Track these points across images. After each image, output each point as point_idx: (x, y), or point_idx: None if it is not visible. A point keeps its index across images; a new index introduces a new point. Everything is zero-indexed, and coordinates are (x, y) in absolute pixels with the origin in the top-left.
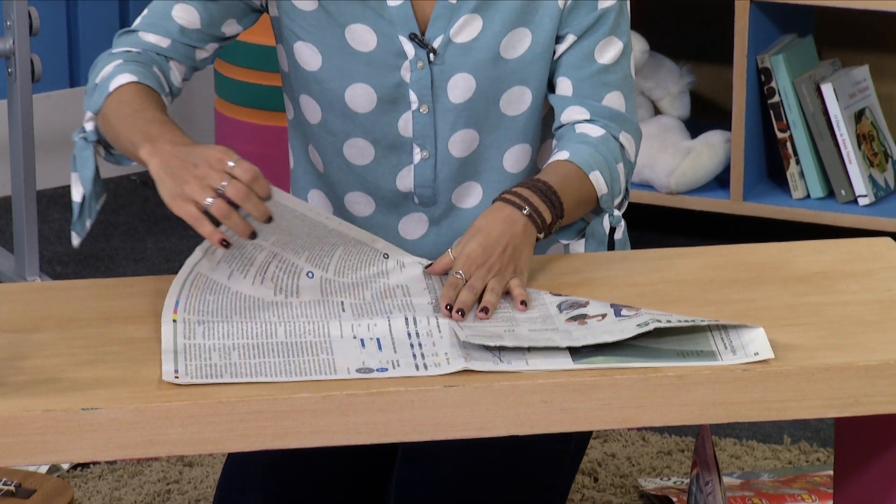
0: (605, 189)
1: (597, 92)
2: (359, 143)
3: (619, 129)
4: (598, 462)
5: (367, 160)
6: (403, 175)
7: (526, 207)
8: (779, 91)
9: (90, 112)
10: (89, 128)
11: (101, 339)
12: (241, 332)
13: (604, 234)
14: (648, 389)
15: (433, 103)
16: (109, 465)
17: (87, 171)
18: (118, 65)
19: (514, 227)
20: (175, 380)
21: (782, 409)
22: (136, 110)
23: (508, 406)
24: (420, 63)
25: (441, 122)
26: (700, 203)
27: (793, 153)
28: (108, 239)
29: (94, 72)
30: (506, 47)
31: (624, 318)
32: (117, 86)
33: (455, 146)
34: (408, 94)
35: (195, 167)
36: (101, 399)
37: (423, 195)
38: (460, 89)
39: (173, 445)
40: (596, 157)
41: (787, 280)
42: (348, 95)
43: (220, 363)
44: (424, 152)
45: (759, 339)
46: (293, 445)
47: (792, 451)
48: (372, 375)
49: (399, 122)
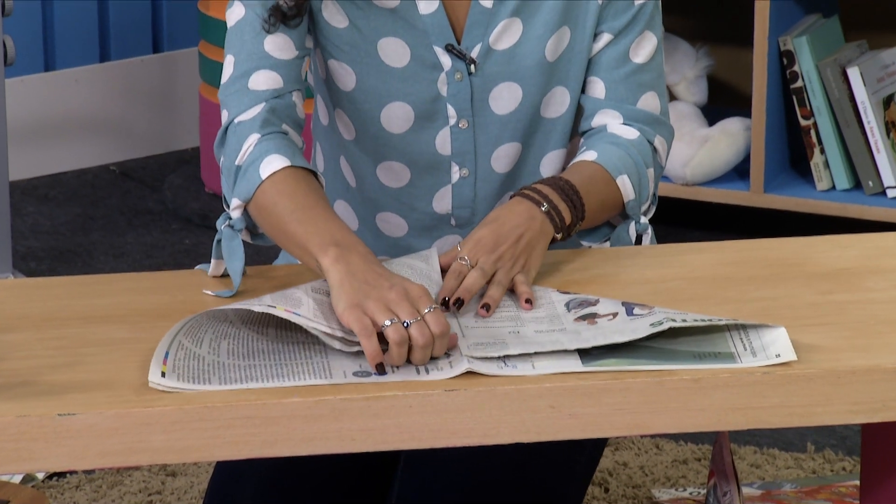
0: (632, 195)
1: (631, 94)
2: (393, 165)
3: (654, 132)
4: (609, 471)
5: (402, 183)
6: (441, 196)
7: (545, 204)
8: (802, 75)
9: (238, 200)
10: (237, 216)
11: (79, 340)
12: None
13: (629, 241)
14: (663, 394)
15: (473, 117)
16: (87, 475)
17: (237, 264)
18: (259, 141)
19: (531, 222)
20: (161, 379)
21: (805, 415)
22: (302, 206)
23: (513, 411)
24: (458, 74)
25: (482, 137)
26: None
27: (817, 142)
28: (86, 233)
29: (227, 149)
30: (551, 50)
31: (636, 318)
32: (270, 172)
33: (498, 162)
34: (445, 108)
35: (388, 290)
36: (79, 404)
37: (462, 216)
38: (505, 100)
39: (156, 453)
40: (625, 160)
41: (811, 277)
42: (384, 116)
43: (210, 358)
44: (464, 170)
45: (781, 340)
46: (284, 453)
47: (816, 460)
48: (369, 379)
49: (436, 139)
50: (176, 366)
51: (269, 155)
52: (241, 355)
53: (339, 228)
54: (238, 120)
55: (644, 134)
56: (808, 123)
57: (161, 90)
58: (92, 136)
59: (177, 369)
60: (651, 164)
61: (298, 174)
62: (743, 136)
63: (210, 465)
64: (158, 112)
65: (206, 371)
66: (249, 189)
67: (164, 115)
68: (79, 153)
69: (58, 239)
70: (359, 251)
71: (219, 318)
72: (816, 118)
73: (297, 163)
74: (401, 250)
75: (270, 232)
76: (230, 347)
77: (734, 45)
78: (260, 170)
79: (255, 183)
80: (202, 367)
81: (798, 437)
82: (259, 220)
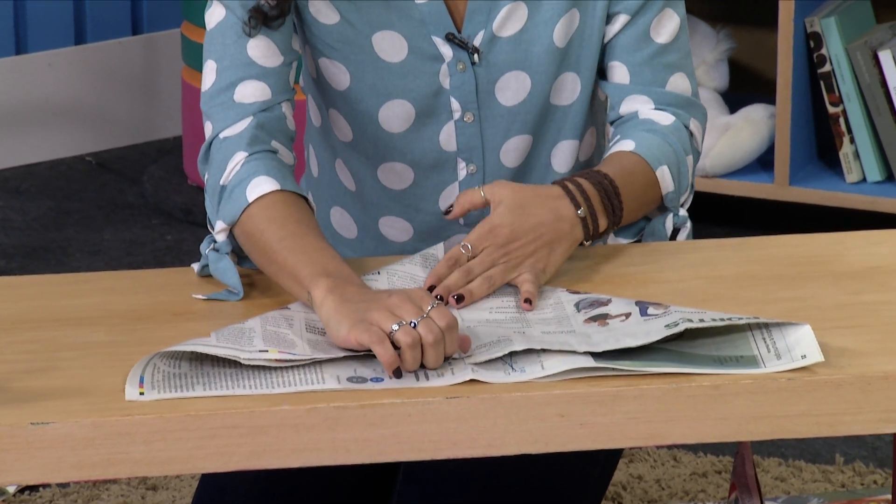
0: (671, 186)
1: (659, 76)
2: (395, 167)
3: (689, 115)
4: (623, 485)
5: (406, 184)
6: (447, 195)
7: (583, 207)
8: (830, 59)
9: (223, 223)
10: (222, 238)
11: (53, 344)
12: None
13: (665, 235)
14: (680, 401)
15: (479, 110)
16: (62, 489)
17: (233, 280)
18: (246, 161)
19: (560, 222)
20: (139, 397)
21: (834, 424)
22: (292, 234)
23: (520, 420)
24: (461, 65)
25: (490, 131)
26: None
27: (846, 130)
28: (60, 228)
29: (212, 166)
30: (560, 35)
31: (651, 318)
32: (257, 196)
33: (508, 156)
34: (448, 102)
35: (388, 298)
36: (53, 412)
37: (471, 215)
38: (512, 90)
39: (135, 465)
40: (664, 149)
41: (839, 276)
42: (382, 115)
43: (191, 372)
44: (471, 167)
45: (807, 340)
46: (273, 465)
47: (845, 473)
48: (365, 386)
49: (440, 135)
50: (154, 384)
51: (258, 176)
52: (227, 363)
53: (332, 258)
54: (223, 135)
55: (679, 118)
56: (837, 111)
57: (141, 75)
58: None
59: (156, 386)
60: (689, 151)
61: (288, 199)
62: (766, 125)
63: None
64: (138, 98)
65: (189, 381)
66: (235, 212)
67: (144, 101)
68: (52, 143)
69: (30, 235)
70: (353, 282)
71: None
72: (846, 105)
73: (286, 187)
74: (406, 254)
75: (257, 259)
76: (214, 360)
77: (757, 27)
78: (247, 192)
79: (240, 206)
80: (184, 381)
81: (826, 448)
82: (245, 245)
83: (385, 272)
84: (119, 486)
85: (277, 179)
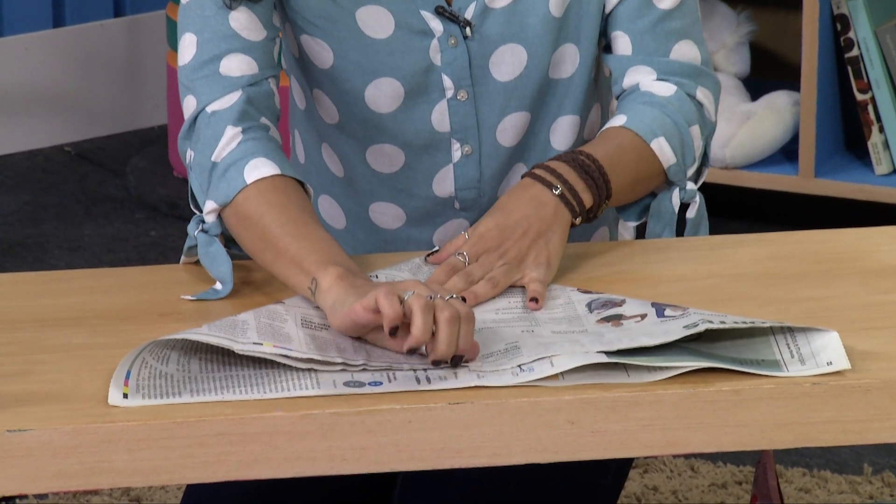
0: (672, 159)
1: (662, 45)
2: (385, 148)
3: (695, 84)
4: (638, 497)
5: (396, 167)
6: (441, 178)
7: (558, 186)
8: (858, 43)
9: (215, 203)
10: (212, 220)
11: (31, 346)
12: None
13: (672, 211)
14: (698, 407)
15: (473, 87)
16: (40, 500)
17: (224, 267)
18: (241, 139)
19: (542, 209)
20: (123, 401)
21: (861, 432)
22: (295, 221)
23: (527, 427)
24: (452, 39)
25: (486, 109)
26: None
27: (875, 119)
28: (37, 223)
29: (198, 141)
30: (557, 4)
31: (668, 319)
32: (256, 178)
33: (505, 134)
34: (440, 80)
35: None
36: (32, 418)
37: (467, 198)
38: (508, 64)
39: (119, 475)
40: (661, 120)
41: (867, 274)
42: (369, 95)
43: (179, 374)
44: (466, 147)
45: (833, 346)
46: (264, 475)
47: (874, 483)
48: (363, 390)
49: (432, 115)
50: (140, 385)
51: (256, 157)
52: (215, 368)
53: (339, 250)
54: (211, 109)
55: (682, 88)
56: (865, 98)
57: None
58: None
59: (141, 389)
60: (695, 121)
61: (288, 185)
62: (790, 113)
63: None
64: (120, 85)
65: (176, 386)
66: (229, 193)
67: (127, 88)
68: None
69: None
70: (361, 276)
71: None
72: (875, 92)
73: (286, 172)
74: (399, 243)
75: (252, 244)
76: (202, 364)
77: (780, 8)
78: (245, 173)
79: (236, 187)
80: (170, 384)
81: (853, 458)
82: (236, 229)
83: (384, 276)
84: (101, 497)
85: (277, 163)
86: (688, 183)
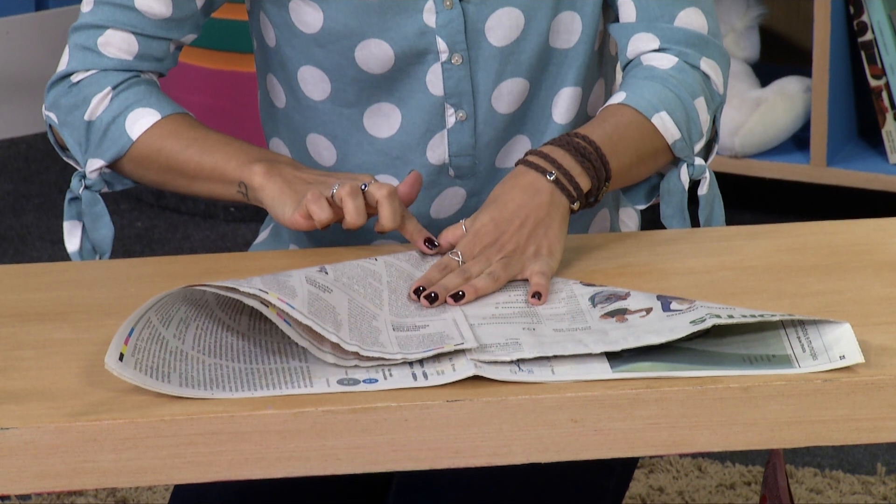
0: (676, 134)
1: (666, 10)
2: (382, 108)
3: (700, 54)
4: (643, 498)
5: (394, 129)
6: (435, 144)
7: (552, 171)
8: (872, 26)
9: (102, 161)
10: (95, 177)
11: (12, 342)
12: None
13: (682, 190)
14: (705, 405)
15: (468, 51)
16: (23, 501)
17: (105, 232)
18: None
19: (537, 197)
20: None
21: (875, 430)
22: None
23: (528, 426)
24: (447, 1)
25: (481, 74)
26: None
27: (890, 106)
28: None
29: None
30: None
31: (674, 314)
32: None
33: (501, 101)
34: (434, 42)
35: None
36: (13, 417)
37: (461, 165)
38: (505, 28)
39: (104, 475)
40: (663, 94)
41: (882, 266)
42: (359, 56)
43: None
44: (460, 113)
45: (846, 339)
46: (255, 476)
47: (888, 484)
48: (357, 388)
49: (426, 78)
50: (137, 347)
51: (134, 109)
52: (208, 347)
53: (252, 147)
54: (76, 79)
55: (684, 58)
56: (879, 84)
57: None
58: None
59: (137, 353)
60: (700, 94)
61: (175, 119)
62: (802, 99)
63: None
64: None
65: (167, 361)
66: (117, 151)
67: None
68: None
69: None
70: (289, 162)
71: (194, 300)
72: (889, 77)
73: (167, 111)
74: None
75: (158, 176)
76: (197, 334)
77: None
78: (127, 128)
79: (123, 144)
80: (163, 354)
81: (867, 457)
82: (138, 172)
83: (383, 261)
84: (86, 498)
85: (156, 107)
86: (696, 159)
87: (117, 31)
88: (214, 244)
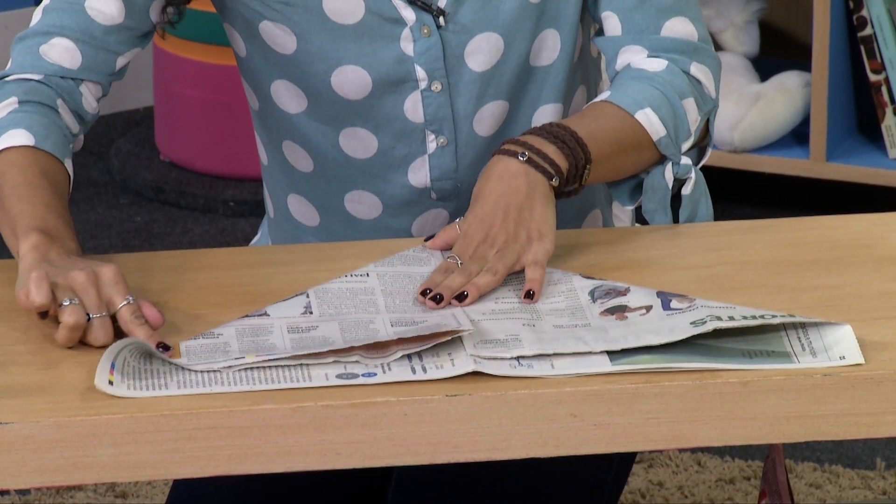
0: (661, 130)
1: (652, 21)
2: (358, 132)
3: (690, 60)
4: (642, 493)
5: (371, 152)
6: (416, 168)
7: (524, 152)
8: (871, 21)
9: None
10: None
11: (10, 336)
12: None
13: (666, 187)
14: (705, 400)
15: (447, 77)
16: (22, 496)
17: None
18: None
19: (513, 182)
20: (110, 388)
21: (874, 425)
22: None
23: (528, 420)
24: (425, 29)
25: (461, 100)
26: (771, 164)
27: (889, 100)
28: None
29: None
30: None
31: (674, 313)
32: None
33: (482, 124)
34: (413, 70)
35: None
36: (12, 411)
37: (443, 189)
38: (484, 53)
39: (103, 470)
40: (648, 92)
41: (882, 261)
42: (335, 81)
43: (164, 368)
44: (441, 139)
45: (847, 341)
46: (255, 470)
47: (887, 479)
48: (356, 382)
49: (405, 105)
50: (125, 373)
51: (15, 129)
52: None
53: (57, 217)
54: (12, 77)
55: (675, 63)
56: (879, 79)
57: None
58: None
59: (126, 379)
60: (689, 94)
61: (40, 156)
62: (801, 94)
63: (167, 484)
64: None
65: (162, 378)
66: None
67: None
68: None
69: None
70: (64, 246)
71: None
72: (889, 72)
73: (44, 146)
74: (377, 234)
75: None
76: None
77: None
78: None
79: None
80: (156, 377)
81: (866, 452)
82: None
83: (375, 274)
84: (85, 493)
85: (35, 136)
86: (682, 158)
87: (62, 40)
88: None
